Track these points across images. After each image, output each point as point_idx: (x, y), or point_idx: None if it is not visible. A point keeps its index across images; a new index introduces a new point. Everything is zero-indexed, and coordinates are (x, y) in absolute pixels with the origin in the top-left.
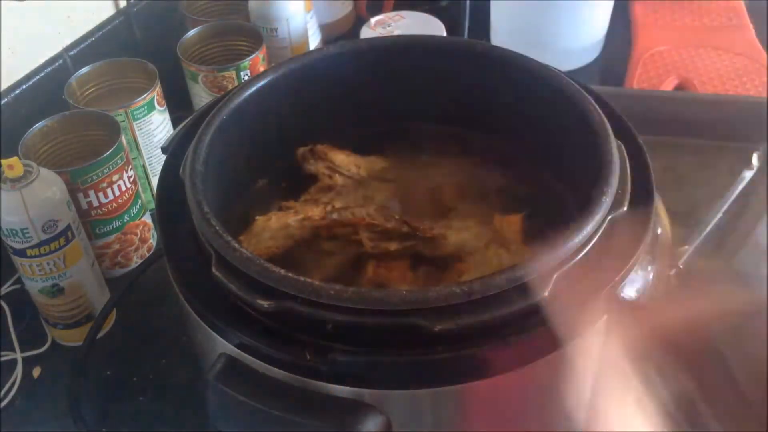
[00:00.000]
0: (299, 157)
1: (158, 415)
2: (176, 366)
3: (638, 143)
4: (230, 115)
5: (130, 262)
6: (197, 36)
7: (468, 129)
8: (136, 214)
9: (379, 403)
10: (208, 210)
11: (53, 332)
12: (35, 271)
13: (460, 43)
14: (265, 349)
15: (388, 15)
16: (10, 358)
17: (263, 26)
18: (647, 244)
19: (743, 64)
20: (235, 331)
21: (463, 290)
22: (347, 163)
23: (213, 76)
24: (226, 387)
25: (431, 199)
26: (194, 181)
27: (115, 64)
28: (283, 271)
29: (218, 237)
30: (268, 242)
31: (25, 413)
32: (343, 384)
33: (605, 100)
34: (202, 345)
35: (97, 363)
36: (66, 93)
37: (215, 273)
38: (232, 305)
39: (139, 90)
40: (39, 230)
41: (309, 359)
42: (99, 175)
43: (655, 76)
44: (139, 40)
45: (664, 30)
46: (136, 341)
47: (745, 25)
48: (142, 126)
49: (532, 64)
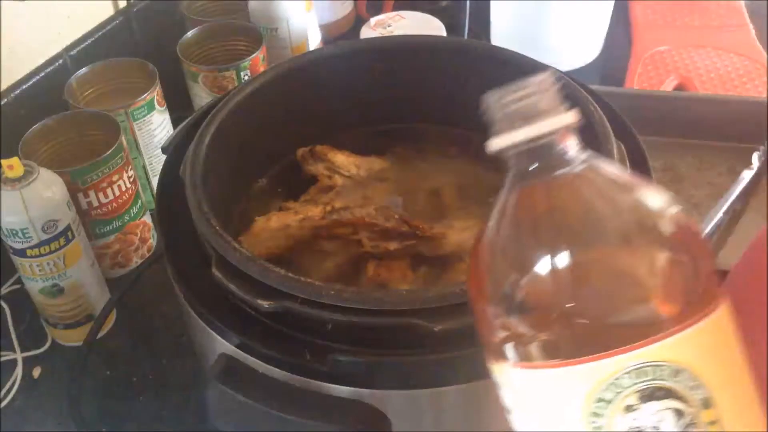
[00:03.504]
0: (299, 158)
1: (158, 415)
2: (176, 366)
3: (638, 143)
4: (230, 115)
5: (130, 262)
6: (197, 36)
7: (467, 129)
8: (136, 214)
9: (379, 403)
10: (208, 210)
11: (53, 332)
12: (35, 271)
13: (459, 43)
14: (265, 349)
15: (388, 15)
16: (10, 358)
17: (263, 26)
18: None
19: (743, 64)
20: (235, 331)
21: (463, 290)
22: (347, 163)
23: (213, 76)
24: (226, 387)
25: (431, 199)
26: (194, 181)
27: (115, 64)
28: (283, 271)
29: (218, 237)
30: (267, 242)
31: (25, 413)
32: (343, 384)
33: (605, 100)
34: (202, 345)
35: (97, 363)
36: (66, 93)
37: (215, 273)
38: (232, 305)
39: (139, 90)
40: (39, 230)
41: (309, 359)
42: (99, 175)
43: (655, 76)
44: (139, 40)
45: (664, 30)
46: (136, 341)
47: (745, 25)
48: (142, 126)
49: (532, 64)
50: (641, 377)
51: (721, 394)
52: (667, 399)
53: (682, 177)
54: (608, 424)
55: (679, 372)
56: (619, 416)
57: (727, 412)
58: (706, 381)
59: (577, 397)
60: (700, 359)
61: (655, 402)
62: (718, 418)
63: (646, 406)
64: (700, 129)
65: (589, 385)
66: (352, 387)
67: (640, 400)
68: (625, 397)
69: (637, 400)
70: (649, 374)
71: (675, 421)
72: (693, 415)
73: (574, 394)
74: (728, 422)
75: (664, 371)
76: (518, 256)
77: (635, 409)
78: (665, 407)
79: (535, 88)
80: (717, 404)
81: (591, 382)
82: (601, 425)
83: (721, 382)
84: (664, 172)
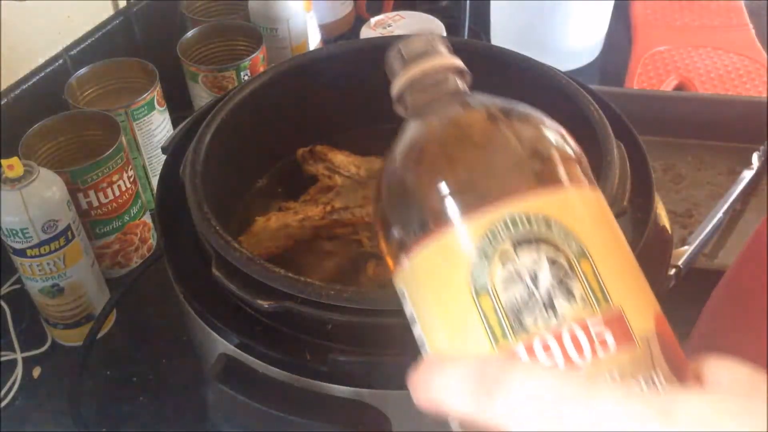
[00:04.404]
0: (299, 158)
1: (158, 415)
2: (176, 366)
3: (638, 143)
4: (230, 115)
5: (130, 262)
6: (197, 36)
7: None
8: (136, 214)
9: (379, 403)
10: (208, 210)
11: (53, 332)
12: (35, 271)
13: (459, 43)
14: (265, 349)
15: (388, 15)
16: (10, 358)
17: (263, 26)
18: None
19: (743, 64)
20: (235, 331)
21: None
22: (347, 163)
23: (213, 76)
24: (226, 387)
25: None
26: (194, 181)
27: (115, 64)
28: (283, 271)
29: (218, 237)
30: (267, 242)
31: (25, 413)
32: (343, 384)
33: (605, 100)
34: (202, 345)
35: (97, 363)
36: (66, 93)
37: (215, 273)
38: (232, 305)
39: (139, 90)
40: (39, 230)
41: (309, 359)
42: (99, 175)
43: (655, 76)
44: (139, 40)
45: (664, 30)
46: (136, 341)
47: (745, 25)
48: (142, 126)
49: (532, 64)
50: (515, 227)
51: (595, 246)
52: (541, 247)
53: (682, 177)
54: (491, 276)
55: (551, 223)
56: (498, 269)
57: (602, 264)
58: (579, 234)
59: (460, 260)
60: (572, 216)
61: (529, 249)
62: (594, 268)
63: (522, 255)
64: (700, 129)
65: (469, 242)
66: (352, 387)
67: (515, 249)
68: (502, 247)
69: (511, 247)
70: (521, 224)
71: (551, 271)
72: (568, 264)
73: (458, 258)
74: (604, 272)
75: (537, 222)
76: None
77: (512, 259)
78: (540, 257)
79: (426, 40)
80: (592, 255)
81: (471, 238)
82: (484, 277)
83: (594, 237)
84: (664, 172)
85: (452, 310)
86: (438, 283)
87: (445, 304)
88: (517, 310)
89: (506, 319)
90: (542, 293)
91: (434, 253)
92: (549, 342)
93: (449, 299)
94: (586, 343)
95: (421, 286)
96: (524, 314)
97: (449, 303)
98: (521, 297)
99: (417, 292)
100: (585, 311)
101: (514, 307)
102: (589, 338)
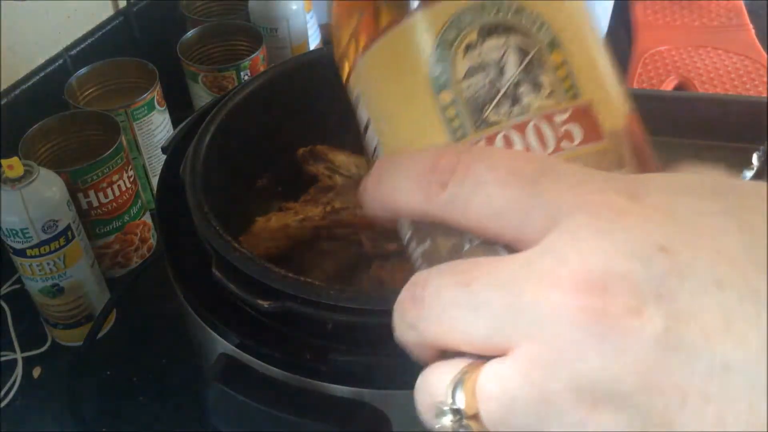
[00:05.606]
0: (299, 158)
1: (158, 415)
2: (176, 366)
3: None
4: (230, 115)
5: (130, 262)
6: (197, 36)
7: None
8: (136, 214)
9: (379, 403)
10: (208, 210)
11: (53, 332)
12: (35, 271)
13: None
14: (265, 349)
15: None
16: (10, 358)
17: (263, 26)
18: None
19: (743, 64)
20: (235, 331)
21: None
22: (347, 163)
23: (213, 76)
24: (226, 387)
25: None
26: (194, 181)
27: (115, 64)
28: (283, 271)
29: (218, 237)
30: (267, 242)
31: (25, 413)
32: (343, 384)
33: None
34: (202, 345)
35: (97, 363)
36: (66, 93)
37: (215, 273)
38: (232, 305)
39: (139, 90)
40: (39, 230)
41: (309, 359)
42: (99, 175)
43: (655, 76)
44: (139, 40)
45: (664, 30)
46: (136, 341)
47: (745, 25)
48: (142, 126)
49: None
50: (483, 12)
51: (569, 39)
52: (509, 35)
53: None
54: (453, 67)
55: (522, 10)
56: (460, 59)
57: (575, 57)
58: (553, 23)
59: (421, 48)
60: (547, 3)
61: (496, 38)
62: (566, 60)
63: (488, 42)
64: (700, 129)
65: (431, 31)
66: (352, 387)
67: (481, 37)
68: (467, 36)
69: (478, 37)
70: (489, 10)
71: (519, 60)
72: (538, 54)
73: (419, 47)
74: (576, 65)
75: (504, 8)
76: None
77: (477, 45)
78: (508, 44)
79: None
80: (564, 47)
81: (433, 26)
82: (445, 68)
83: (569, 29)
84: None
85: (410, 106)
86: (395, 77)
87: (401, 98)
88: (479, 104)
89: (467, 112)
90: (508, 85)
91: (394, 41)
92: (512, 136)
93: (406, 93)
94: (551, 137)
95: (378, 81)
96: (487, 108)
97: (406, 97)
98: (485, 89)
99: (372, 89)
100: (552, 104)
101: (476, 101)
102: (554, 131)
